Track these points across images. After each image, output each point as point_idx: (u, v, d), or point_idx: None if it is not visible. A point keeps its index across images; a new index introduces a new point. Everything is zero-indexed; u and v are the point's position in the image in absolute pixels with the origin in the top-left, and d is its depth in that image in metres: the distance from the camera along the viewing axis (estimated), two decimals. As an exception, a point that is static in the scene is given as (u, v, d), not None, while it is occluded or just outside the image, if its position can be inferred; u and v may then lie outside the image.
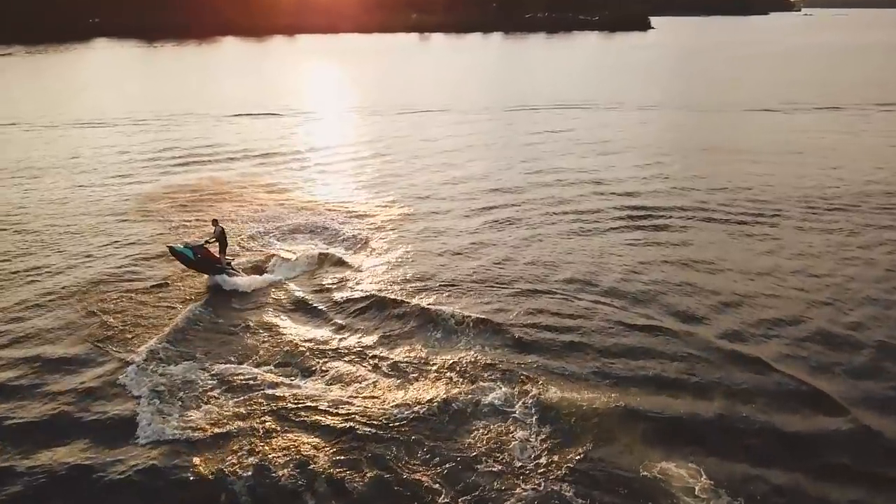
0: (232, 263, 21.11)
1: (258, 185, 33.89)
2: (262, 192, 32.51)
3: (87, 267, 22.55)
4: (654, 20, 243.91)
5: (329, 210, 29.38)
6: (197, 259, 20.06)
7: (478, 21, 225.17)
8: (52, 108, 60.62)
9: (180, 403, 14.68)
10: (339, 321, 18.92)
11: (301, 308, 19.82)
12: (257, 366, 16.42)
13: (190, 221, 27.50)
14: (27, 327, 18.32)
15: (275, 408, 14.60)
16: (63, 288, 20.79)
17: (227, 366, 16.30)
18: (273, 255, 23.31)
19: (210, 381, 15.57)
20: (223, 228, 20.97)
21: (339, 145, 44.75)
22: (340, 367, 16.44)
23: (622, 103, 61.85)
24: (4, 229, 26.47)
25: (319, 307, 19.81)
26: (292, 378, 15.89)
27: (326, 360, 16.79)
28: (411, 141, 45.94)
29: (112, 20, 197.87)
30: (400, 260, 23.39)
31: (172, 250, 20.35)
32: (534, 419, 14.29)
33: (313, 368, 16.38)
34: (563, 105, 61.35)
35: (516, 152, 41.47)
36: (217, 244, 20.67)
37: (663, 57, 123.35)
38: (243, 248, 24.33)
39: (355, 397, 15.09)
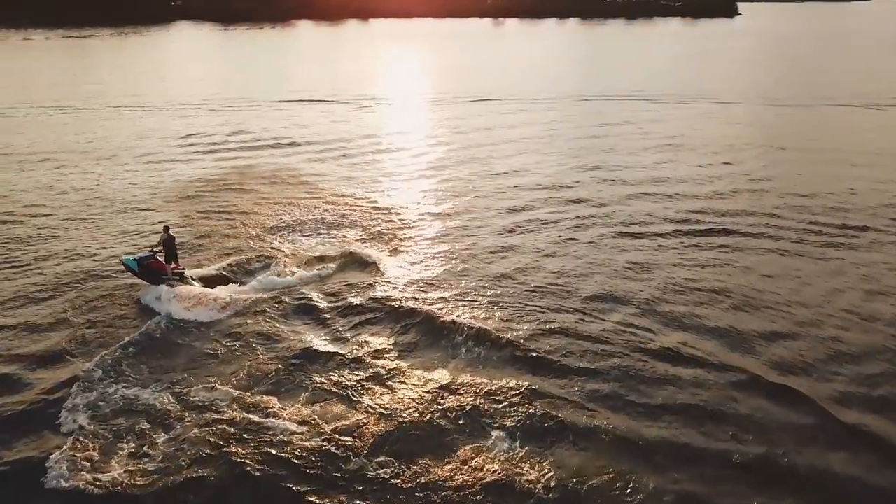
0: (185, 273, 19.09)
1: (291, 175, 32.27)
2: (293, 183, 30.85)
3: (88, 260, 21.29)
4: (742, 6, 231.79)
5: (358, 204, 27.38)
6: (142, 270, 18.49)
7: (554, 6, 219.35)
8: (113, 92, 61.32)
9: (119, 440, 12.71)
10: (336, 338, 16.75)
11: (296, 318, 17.74)
12: (229, 388, 14.43)
13: (208, 213, 26.10)
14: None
15: (235, 451, 12.48)
16: (55, 282, 19.59)
17: (191, 389, 14.40)
18: (275, 256, 21.46)
19: (167, 407, 13.66)
20: (173, 236, 19.20)
21: (386, 134, 42.87)
22: (325, 398, 14.26)
23: (698, 96, 57.42)
24: (22, 217, 25.70)
25: (316, 318, 17.74)
26: (267, 410, 13.76)
27: (310, 387, 14.63)
28: (464, 130, 43.58)
29: (193, 3, 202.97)
30: (419, 264, 21.17)
31: (123, 263, 18.87)
32: (541, 481, 11.80)
33: (293, 397, 14.28)
34: (632, 97, 57.46)
35: (571, 146, 38.49)
36: (164, 252, 18.87)
37: (749, 46, 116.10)
38: (251, 246, 22.57)
39: (332, 439, 12.87)
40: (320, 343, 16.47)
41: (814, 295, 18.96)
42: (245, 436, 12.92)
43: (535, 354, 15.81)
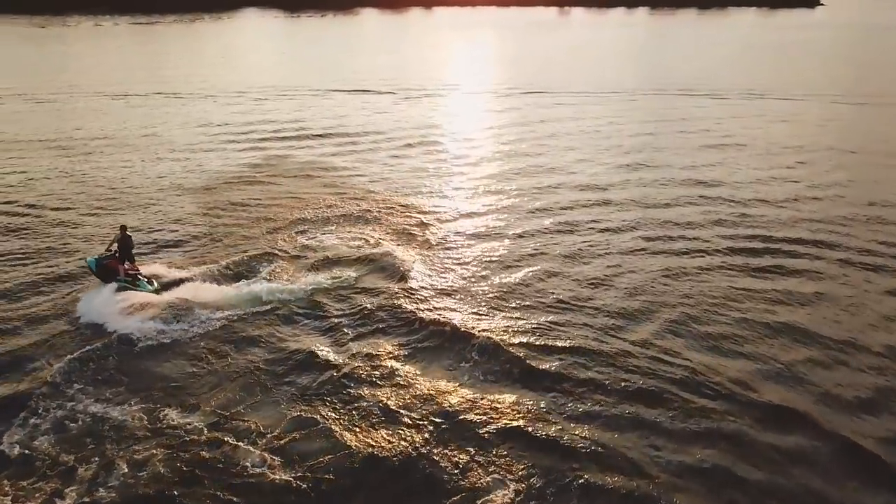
0: (140, 275, 17.88)
1: (323, 168, 31.10)
2: (322, 177, 29.62)
3: (88, 254, 20.52)
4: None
5: (386, 202, 25.85)
6: (99, 270, 17.58)
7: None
8: (166, 79, 61.91)
9: (72, 468, 11.47)
10: (329, 353, 15.10)
11: (284, 327, 16.26)
12: (205, 403, 13.19)
13: (226, 208, 25.14)
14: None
15: (195, 490, 11.14)
16: (53, 280, 18.82)
17: (159, 408, 13.15)
18: (278, 256, 20.16)
19: (135, 430, 12.45)
20: (129, 236, 18.04)
21: (429, 127, 41.27)
22: (307, 425, 12.74)
23: (764, 91, 53.74)
24: (44, 207, 25.22)
25: (309, 327, 16.30)
26: (241, 436, 12.37)
27: (295, 410, 13.17)
28: (509, 124, 41.73)
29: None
30: (441, 271, 19.49)
31: (87, 263, 18.04)
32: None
33: (274, 422, 12.85)
34: (692, 92, 54.21)
35: (621, 144, 36.11)
36: (118, 253, 17.73)
37: (829, 38, 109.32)
38: (257, 245, 21.27)
39: (305, 479, 11.28)
40: (309, 358, 14.93)
41: (883, 329, 16.43)
42: (212, 468, 11.58)
43: (553, 388, 13.92)
